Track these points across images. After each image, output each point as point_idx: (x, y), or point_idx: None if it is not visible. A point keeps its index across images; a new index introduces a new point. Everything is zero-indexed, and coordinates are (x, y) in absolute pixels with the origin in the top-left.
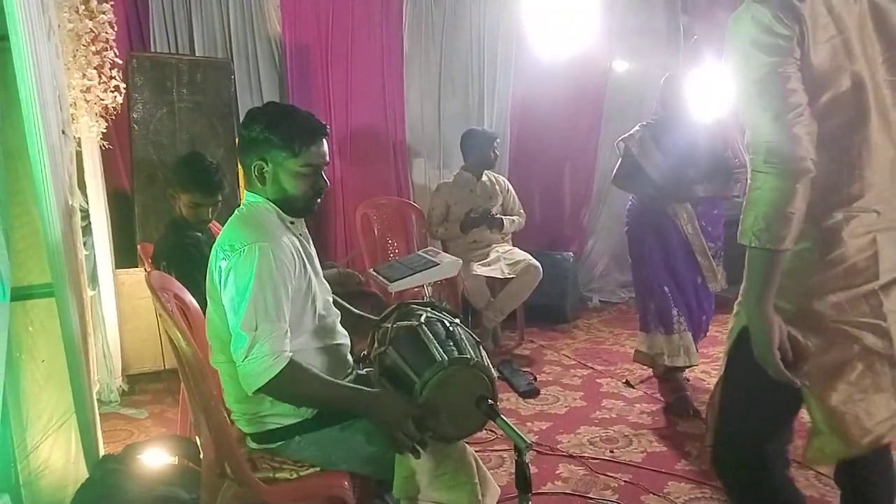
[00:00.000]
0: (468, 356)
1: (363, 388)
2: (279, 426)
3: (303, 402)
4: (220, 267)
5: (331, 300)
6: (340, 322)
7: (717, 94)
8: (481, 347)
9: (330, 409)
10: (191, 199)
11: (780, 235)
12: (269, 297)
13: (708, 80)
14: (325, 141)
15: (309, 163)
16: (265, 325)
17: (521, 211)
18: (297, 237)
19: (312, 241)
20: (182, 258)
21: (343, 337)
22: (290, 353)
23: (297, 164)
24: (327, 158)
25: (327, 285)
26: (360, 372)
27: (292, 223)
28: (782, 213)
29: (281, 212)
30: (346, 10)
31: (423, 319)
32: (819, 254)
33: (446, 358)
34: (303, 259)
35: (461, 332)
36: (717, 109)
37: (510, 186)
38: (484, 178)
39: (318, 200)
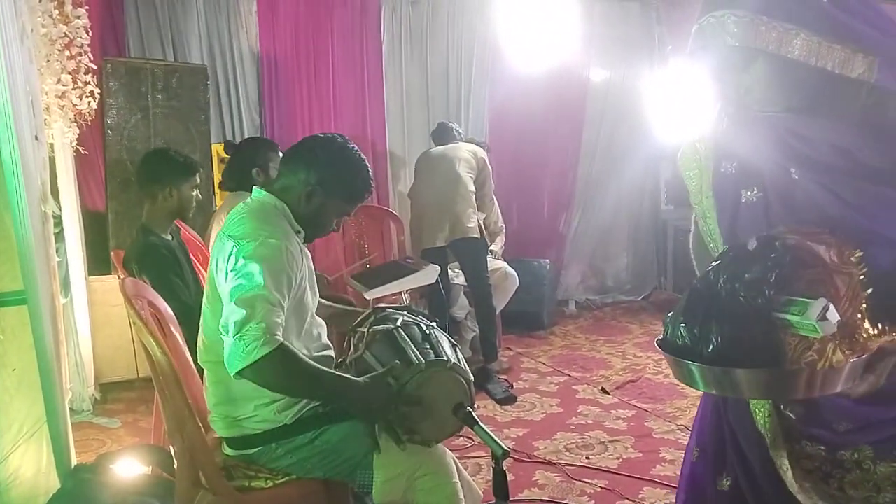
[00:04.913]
0: (445, 358)
1: (351, 377)
2: (257, 432)
3: (289, 388)
4: (226, 256)
5: (316, 313)
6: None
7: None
8: (458, 350)
9: (316, 397)
10: (192, 183)
11: None
12: (271, 281)
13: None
14: None
15: (349, 212)
16: (263, 304)
17: (501, 224)
18: (303, 247)
19: None
20: (153, 259)
21: (328, 349)
22: (282, 339)
23: (342, 210)
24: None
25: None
26: None
27: (298, 232)
28: None
29: (293, 218)
30: (324, 19)
31: (399, 323)
32: None
33: (423, 361)
34: (300, 267)
35: (438, 334)
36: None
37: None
38: None
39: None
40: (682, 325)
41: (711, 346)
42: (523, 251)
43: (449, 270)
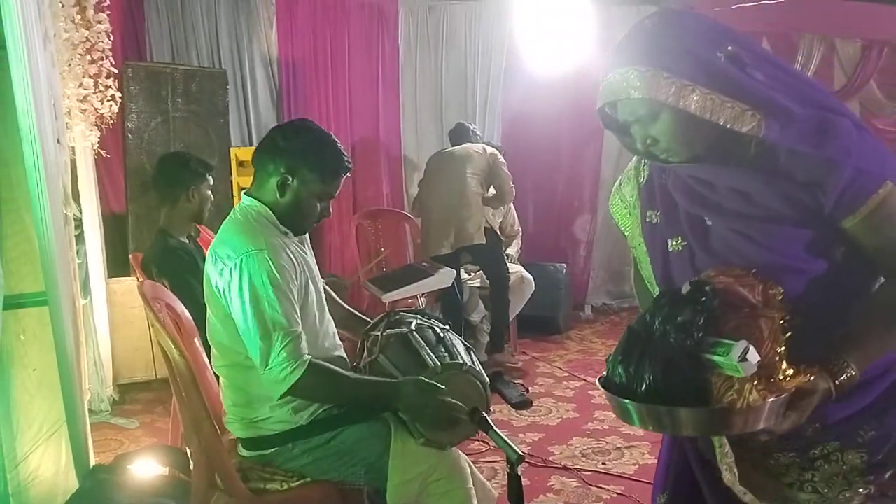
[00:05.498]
0: (461, 361)
1: (385, 379)
2: (273, 433)
3: (329, 400)
4: (218, 276)
5: (327, 309)
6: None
7: None
8: (472, 353)
9: (356, 404)
10: (208, 183)
11: None
12: (276, 304)
13: None
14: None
15: (330, 192)
16: (277, 332)
17: (518, 227)
18: (296, 245)
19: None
20: (172, 262)
21: (340, 348)
22: (309, 357)
23: (321, 191)
24: (337, 192)
25: (324, 294)
26: None
27: (286, 232)
28: None
29: (277, 221)
30: (342, 25)
31: (413, 326)
32: None
33: (439, 364)
34: (296, 265)
35: (452, 338)
36: None
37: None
38: None
39: (315, 225)
40: (620, 364)
41: (645, 385)
42: (540, 255)
43: (462, 273)
